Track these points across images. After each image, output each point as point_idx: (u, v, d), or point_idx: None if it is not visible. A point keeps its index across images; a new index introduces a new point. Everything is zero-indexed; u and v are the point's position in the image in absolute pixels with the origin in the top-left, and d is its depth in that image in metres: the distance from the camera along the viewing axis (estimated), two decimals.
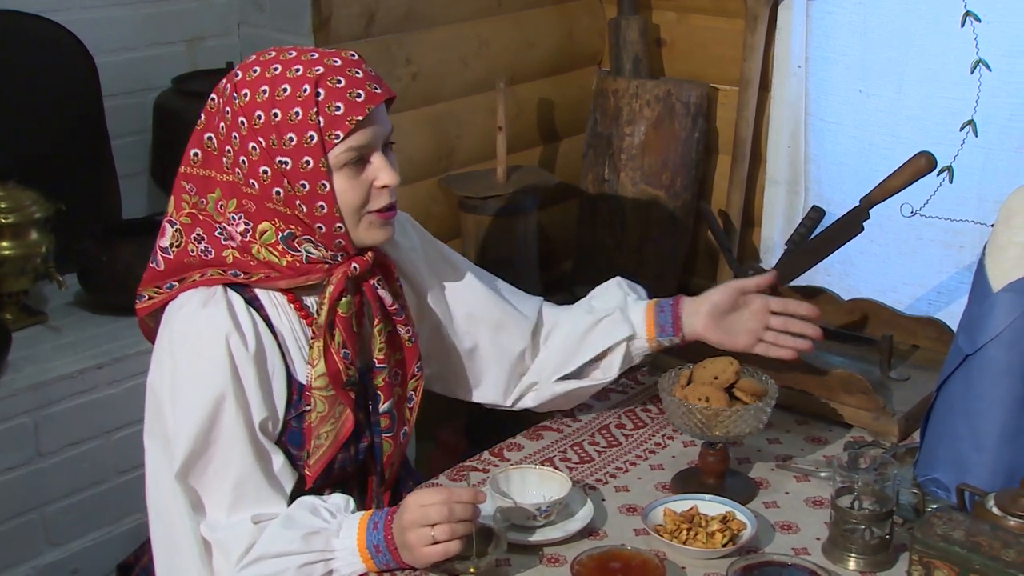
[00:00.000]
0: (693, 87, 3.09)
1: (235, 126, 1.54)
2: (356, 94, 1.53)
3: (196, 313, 1.55)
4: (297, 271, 1.58)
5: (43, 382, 2.18)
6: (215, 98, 1.59)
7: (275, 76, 1.53)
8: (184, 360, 1.54)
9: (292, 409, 1.60)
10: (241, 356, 1.54)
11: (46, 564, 2.22)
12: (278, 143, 1.52)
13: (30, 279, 2.36)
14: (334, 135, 1.52)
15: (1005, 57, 2.52)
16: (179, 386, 1.53)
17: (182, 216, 1.61)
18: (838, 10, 2.78)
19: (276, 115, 1.51)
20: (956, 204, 2.65)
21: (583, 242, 3.22)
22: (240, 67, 1.58)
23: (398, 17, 2.84)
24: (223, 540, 1.53)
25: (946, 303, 2.66)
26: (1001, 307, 1.58)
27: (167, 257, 1.60)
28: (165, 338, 1.57)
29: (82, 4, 2.62)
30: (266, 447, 1.57)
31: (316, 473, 1.61)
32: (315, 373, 1.58)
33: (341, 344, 1.59)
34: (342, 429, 1.61)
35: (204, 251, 1.58)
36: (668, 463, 1.81)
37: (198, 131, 1.61)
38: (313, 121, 1.51)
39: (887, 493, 1.55)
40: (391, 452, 1.69)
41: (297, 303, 1.62)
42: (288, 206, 1.55)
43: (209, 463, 1.54)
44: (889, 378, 1.99)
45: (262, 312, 1.59)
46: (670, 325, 1.80)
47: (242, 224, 1.57)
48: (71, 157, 2.58)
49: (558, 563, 1.56)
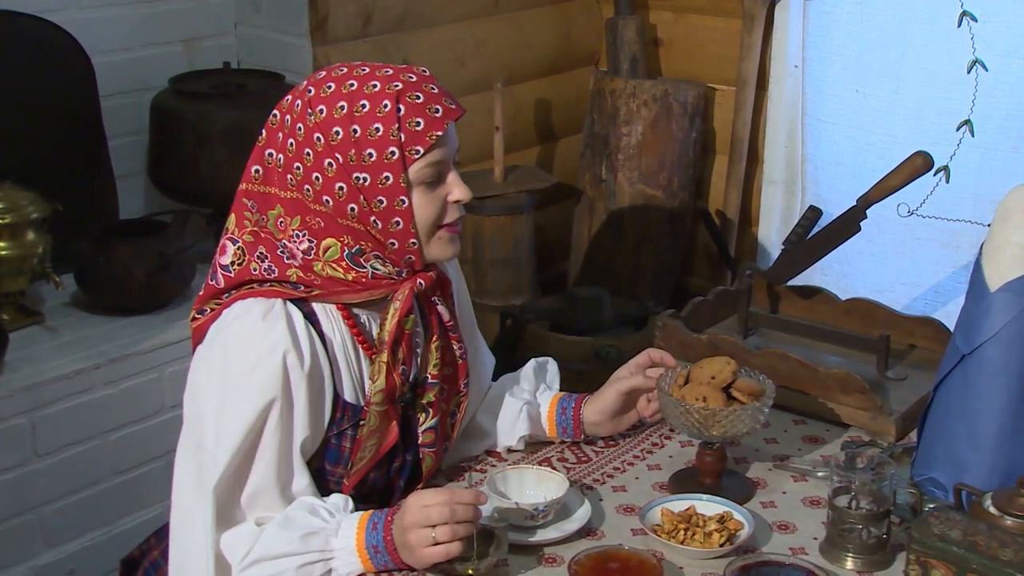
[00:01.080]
0: (690, 87, 3.09)
1: (309, 142, 1.52)
2: (435, 109, 1.53)
3: (256, 325, 1.52)
4: (363, 286, 1.57)
5: (40, 382, 2.18)
6: (278, 115, 1.57)
7: (352, 92, 1.52)
8: (237, 371, 1.52)
9: (334, 427, 1.59)
10: (296, 374, 1.53)
11: (43, 565, 2.22)
12: (357, 159, 1.51)
13: (27, 279, 2.36)
14: (415, 151, 1.52)
15: (1001, 57, 2.52)
16: (228, 397, 1.52)
17: (244, 234, 1.58)
18: (835, 10, 2.79)
19: (356, 131, 1.51)
20: (953, 204, 2.65)
21: (580, 242, 3.22)
22: (311, 83, 1.56)
23: (395, 17, 2.84)
24: (227, 544, 1.53)
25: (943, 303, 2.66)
26: (998, 307, 1.58)
27: (228, 275, 1.58)
28: (218, 346, 1.54)
29: (79, 4, 2.62)
30: (295, 466, 1.56)
31: (353, 484, 1.61)
32: (374, 388, 1.58)
33: (401, 360, 1.59)
34: (385, 441, 1.61)
35: (267, 270, 1.56)
36: (665, 463, 1.81)
37: (259, 147, 1.59)
38: (395, 137, 1.51)
39: (884, 493, 1.55)
40: (432, 465, 1.70)
41: (351, 320, 1.60)
42: (362, 222, 1.54)
43: (242, 474, 1.52)
44: (886, 378, 1.99)
45: (318, 327, 1.57)
46: (571, 429, 1.83)
47: (306, 242, 1.55)
48: (68, 157, 2.58)
49: (556, 563, 1.56)
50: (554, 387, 1.91)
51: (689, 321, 2.09)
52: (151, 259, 2.41)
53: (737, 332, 2.15)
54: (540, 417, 1.84)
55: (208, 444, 1.52)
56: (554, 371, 1.93)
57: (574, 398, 1.84)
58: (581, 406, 1.83)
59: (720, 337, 2.01)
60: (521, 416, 1.81)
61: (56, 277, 2.35)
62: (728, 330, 2.16)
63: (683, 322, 2.07)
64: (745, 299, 2.17)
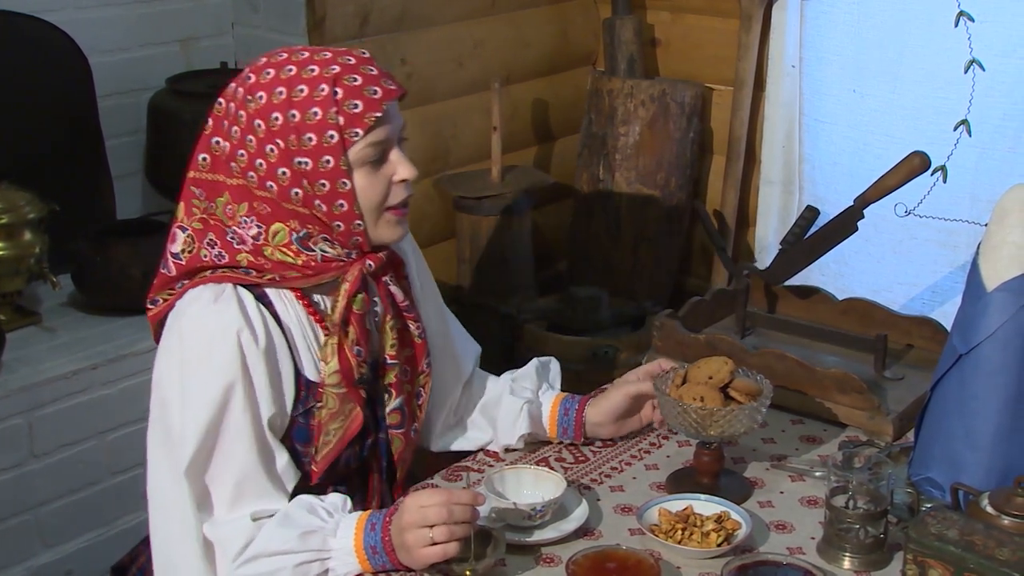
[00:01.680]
0: (688, 87, 3.09)
1: (250, 129, 1.53)
2: (373, 91, 1.54)
3: (207, 309, 1.54)
4: (313, 270, 1.58)
5: (37, 383, 2.18)
6: (223, 102, 1.58)
7: (290, 77, 1.53)
8: (194, 355, 1.53)
9: (300, 405, 1.60)
10: (252, 352, 1.54)
11: (40, 565, 2.22)
12: (297, 143, 1.52)
13: (24, 280, 2.35)
14: (354, 133, 1.53)
15: (998, 57, 2.52)
16: (188, 382, 1.53)
17: (193, 221, 1.60)
18: (832, 10, 2.79)
19: (294, 116, 1.51)
20: (950, 204, 2.66)
21: (578, 242, 3.22)
22: (251, 69, 1.57)
23: (393, 17, 2.84)
24: (221, 536, 1.53)
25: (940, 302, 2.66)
26: (995, 306, 1.58)
27: (179, 263, 1.60)
28: (174, 333, 1.56)
29: (76, 4, 2.61)
30: (271, 445, 1.57)
31: (322, 470, 1.61)
32: (328, 370, 1.59)
33: (354, 341, 1.60)
34: (351, 426, 1.61)
35: (217, 256, 1.58)
36: (663, 463, 1.81)
37: (205, 136, 1.60)
38: (333, 120, 1.51)
39: (882, 492, 1.55)
40: (402, 448, 1.70)
41: (306, 300, 1.62)
42: (307, 206, 1.55)
43: (214, 458, 1.53)
44: (884, 377, 1.99)
45: (271, 309, 1.58)
46: (572, 430, 1.84)
47: (254, 227, 1.56)
48: (65, 157, 2.57)
49: (553, 563, 1.56)
50: (556, 387, 1.91)
51: (687, 321, 2.09)
52: (148, 259, 2.39)
53: (735, 332, 2.15)
54: (541, 416, 1.84)
55: (175, 431, 1.53)
56: (556, 371, 1.93)
57: (577, 399, 1.85)
58: (584, 407, 1.83)
59: (718, 337, 2.01)
60: (522, 415, 1.81)
61: (53, 277, 2.35)
62: (726, 330, 2.16)
63: (681, 322, 2.07)
64: (743, 299, 2.17)
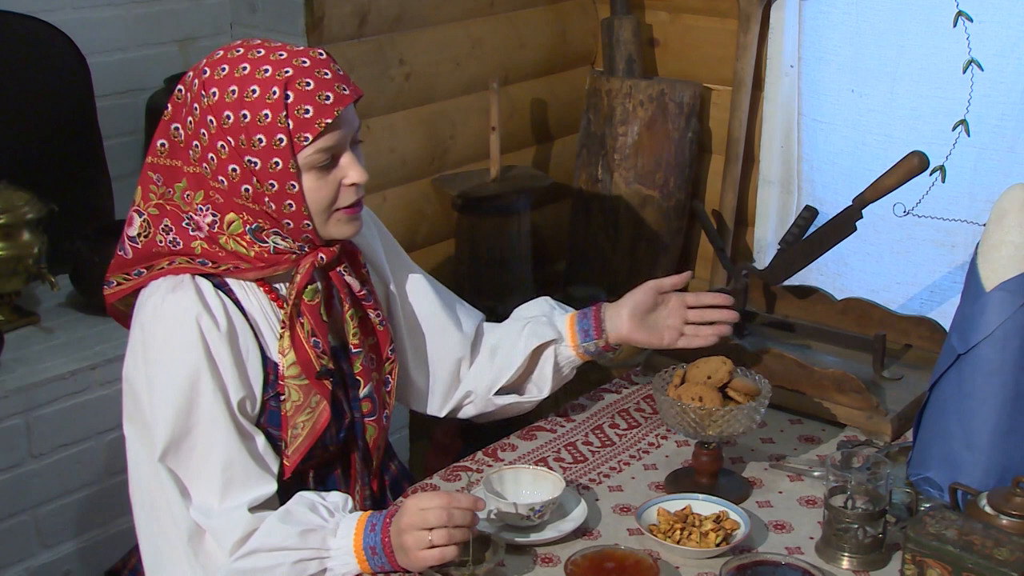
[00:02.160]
0: (686, 87, 3.09)
1: (203, 123, 1.54)
2: (325, 96, 1.53)
3: (165, 299, 1.56)
4: (265, 261, 1.59)
5: (35, 383, 2.17)
6: (182, 90, 1.59)
7: (244, 76, 1.53)
8: (156, 345, 1.55)
9: (270, 389, 1.60)
10: (213, 336, 1.55)
11: (39, 566, 2.22)
12: (247, 143, 1.52)
13: (22, 280, 2.35)
14: (303, 137, 1.53)
15: (997, 57, 2.53)
16: (153, 371, 1.54)
17: (150, 207, 1.61)
18: (830, 10, 2.79)
19: (245, 116, 1.52)
20: (948, 203, 2.66)
21: (576, 242, 3.22)
22: (208, 63, 1.57)
23: (391, 17, 2.84)
24: (217, 527, 1.52)
25: (939, 302, 2.66)
26: (993, 306, 1.58)
27: (135, 246, 1.61)
28: (137, 326, 1.58)
29: (74, 4, 2.61)
30: (247, 428, 1.57)
31: (295, 463, 1.61)
32: (286, 362, 1.59)
33: (310, 332, 1.60)
34: (319, 420, 1.61)
35: (172, 242, 1.59)
36: (662, 463, 1.81)
37: (164, 121, 1.60)
38: (283, 124, 1.51)
39: (880, 492, 1.55)
40: (376, 436, 1.70)
41: (267, 286, 1.63)
42: (256, 202, 1.56)
43: (194, 447, 1.54)
44: (882, 377, 1.99)
45: (231, 296, 1.60)
46: (592, 329, 1.83)
47: (210, 215, 1.57)
48: (63, 157, 2.57)
49: (552, 563, 1.56)
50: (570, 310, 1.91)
51: None
52: None
53: (733, 332, 2.15)
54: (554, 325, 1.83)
55: (147, 420, 1.54)
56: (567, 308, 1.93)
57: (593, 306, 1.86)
58: (601, 307, 1.84)
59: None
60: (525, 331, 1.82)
61: (51, 277, 2.35)
62: None
63: None
64: (741, 299, 2.17)
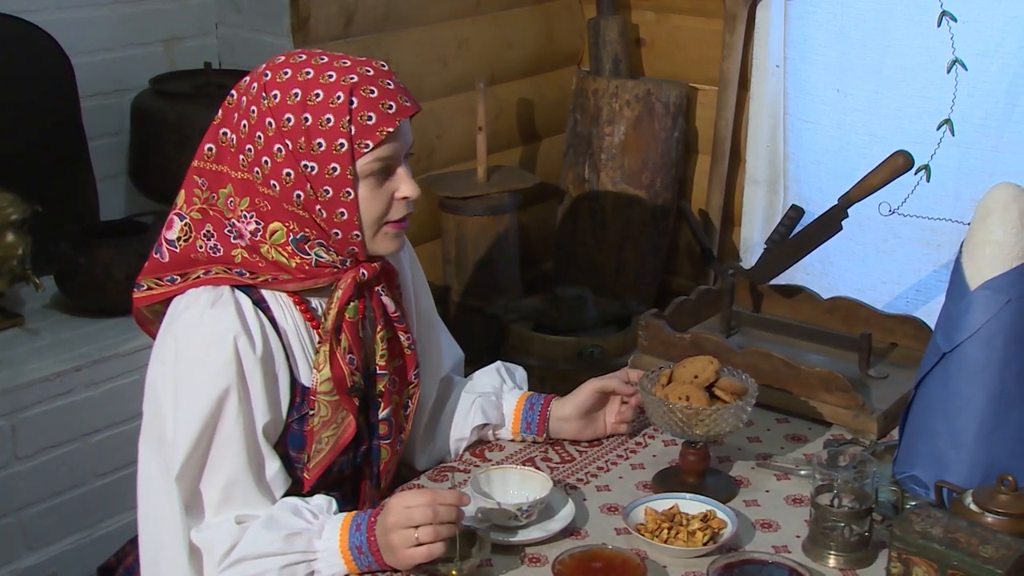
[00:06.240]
0: (672, 87, 3.10)
1: (261, 126, 1.53)
2: (388, 106, 1.53)
3: (204, 314, 1.53)
4: (306, 274, 1.58)
5: (20, 385, 2.17)
6: (235, 95, 1.58)
7: (307, 80, 1.52)
8: (189, 361, 1.52)
9: (294, 411, 1.59)
10: (249, 358, 1.53)
11: (25, 568, 2.21)
12: (306, 147, 1.51)
13: (6, 281, 2.34)
14: (364, 144, 1.52)
15: (981, 57, 2.54)
16: (182, 387, 1.52)
17: (192, 211, 1.59)
18: (816, 10, 2.80)
19: (307, 119, 1.51)
20: (933, 203, 2.67)
21: (564, 242, 3.22)
22: (269, 67, 1.56)
23: (377, 17, 2.83)
24: (207, 540, 1.52)
25: (924, 301, 2.67)
26: (978, 305, 1.58)
27: (173, 250, 1.59)
28: (169, 336, 1.55)
29: (58, 4, 2.60)
30: (263, 451, 1.56)
31: (315, 477, 1.60)
32: (320, 377, 1.58)
33: (347, 349, 1.59)
34: (343, 435, 1.61)
35: (213, 248, 1.57)
36: (649, 462, 1.82)
37: (214, 126, 1.59)
38: (345, 129, 1.51)
39: (866, 491, 1.55)
40: (388, 459, 1.70)
41: (303, 305, 1.61)
42: (307, 210, 1.54)
43: (204, 463, 1.53)
44: (868, 376, 2.00)
45: (269, 314, 1.58)
46: (536, 424, 1.83)
47: (253, 223, 1.56)
48: (48, 158, 2.56)
49: (539, 563, 1.56)
50: (523, 388, 1.91)
51: (672, 320, 2.09)
52: (132, 260, 2.40)
53: (720, 331, 2.16)
54: (500, 409, 1.83)
55: (168, 436, 1.52)
56: (523, 376, 1.93)
57: (543, 396, 1.85)
58: (550, 403, 1.83)
59: (703, 336, 2.02)
60: (474, 408, 1.81)
61: (36, 279, 2.34)
62: (711, 329, 2.17)
63: (666, 321, 2.07)
64: (728, 298, 2.17)
